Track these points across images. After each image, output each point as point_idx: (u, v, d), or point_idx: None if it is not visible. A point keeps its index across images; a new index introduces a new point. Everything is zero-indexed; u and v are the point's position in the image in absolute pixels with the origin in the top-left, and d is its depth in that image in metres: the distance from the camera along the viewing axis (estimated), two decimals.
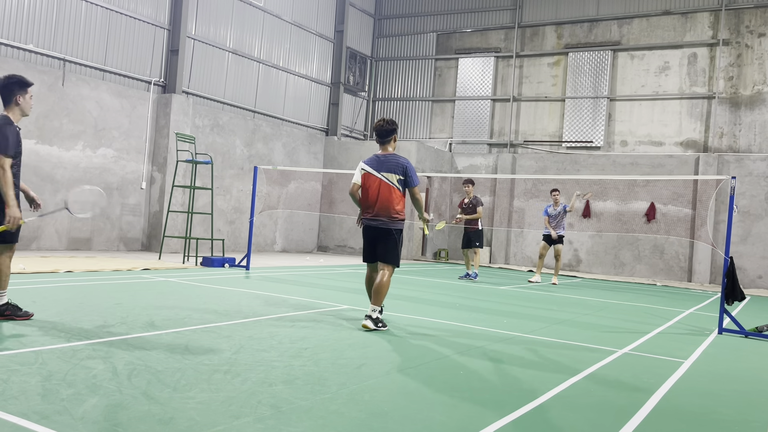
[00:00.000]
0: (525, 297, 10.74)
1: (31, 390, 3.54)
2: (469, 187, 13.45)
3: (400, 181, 6.52)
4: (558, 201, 13.55)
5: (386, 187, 6.49)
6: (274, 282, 10.21)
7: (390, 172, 6.50)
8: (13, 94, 5.49)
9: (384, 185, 6.49)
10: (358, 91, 21.98)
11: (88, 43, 13.90)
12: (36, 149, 12.80)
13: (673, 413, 4.05)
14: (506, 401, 4.02)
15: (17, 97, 5.50)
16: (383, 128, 6.60)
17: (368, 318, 6.31)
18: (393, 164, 6.52)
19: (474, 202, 13.49)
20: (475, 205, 13.44)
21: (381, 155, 6.61)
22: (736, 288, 7.75)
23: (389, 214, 6.50)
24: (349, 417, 3.48)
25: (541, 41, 20.11)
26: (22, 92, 5.52)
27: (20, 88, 5.51)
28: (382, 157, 6.59)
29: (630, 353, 6.02)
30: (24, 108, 5.57)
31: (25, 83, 5.55)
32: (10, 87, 5.49)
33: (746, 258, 16.55)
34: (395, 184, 6.49)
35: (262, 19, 18.08)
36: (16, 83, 5.50)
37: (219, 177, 16.36)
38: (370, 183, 6.55)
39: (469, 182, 13.47)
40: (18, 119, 5.55)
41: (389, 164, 6.53)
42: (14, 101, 5.50)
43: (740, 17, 17.53)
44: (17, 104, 5.52)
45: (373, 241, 6.61)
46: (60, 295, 7.05)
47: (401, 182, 6.53)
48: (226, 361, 4.54)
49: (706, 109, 17.73)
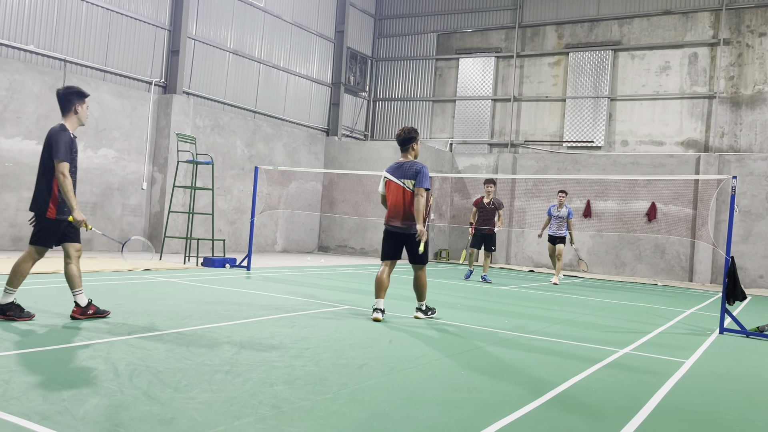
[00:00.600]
0: (526, 297, 10.74)
1: (32, 390, 3.54)
2: (491, 187, 13.04)
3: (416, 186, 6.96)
4: (563, 203, 13.47)
5: (406, 192, 6.95)
6: (275, 282, 10.21)
7: (407, 178, 6.95)
8: (71, 103, 5.74)
9: (404, 191, 6.96)
10: (359, 92, 21.99)
11: (89, 44, 13.91)
12: (37, 150, 12.79)
13: (675, 413, 4.05)
14: (507, 401, 4.02)
15: (75, 106, 5.75)
16: (402, 137, 7.07)
17: (418, 310, 7.19)
18: (409, 170, 6.96)
19: (496, 204, 12.98)
20: (497, 207, 12.95)
21: (402, 162, 7.07)
22: (737, 288, 7.74)
23: (410, 219, 6.94)
24: (350, 417, 3.48)
25: (542, 41, 20.11)
26: (80, 102, 5.78)
27: (79, 98, 5.78)
28: (401, 165, 7.05)
29: (631, 353, 6.02)
30: (81, 117, 5.83)
31: (83, 94, 5.82)
32: (68, 97, 5.74)
33: (747, 258, 16.54)
34: (412, 189, 6.92)
35: (262, 20, 18.09)
36: (74, 93, 5.76)
37: (220, 177, 16.37)
38: (392, 190, 7.05)
39: (491, 182, 13.04)
40: (75, 128, 5.81)
41: (406, 170, 6.97)
42: (72, 110, 5.75)
43: (741, 17, 17.52)
44: (75, 113, 5.77)
45: (394, 243, 7.11)
46: (61, 296, 7.05)
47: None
48: (227, 361, 4.54)
49: (706, 108, 17.73)
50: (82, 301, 5.78)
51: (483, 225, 12.99)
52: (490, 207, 12.95)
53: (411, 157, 7.10)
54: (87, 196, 13.63)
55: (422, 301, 7.23)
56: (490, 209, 12.96)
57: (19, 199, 12.57)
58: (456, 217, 20.53)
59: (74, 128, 5.77)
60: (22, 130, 12.59)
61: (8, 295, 5.54)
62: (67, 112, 5.74)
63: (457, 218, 20.50)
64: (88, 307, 5.81)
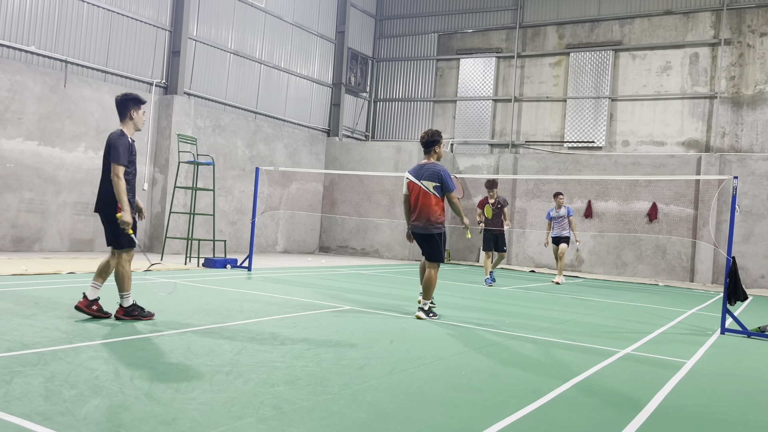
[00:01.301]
0: (527, 297, 10.73)
1: (33, 391, 3.55)
2: (494, 190, 12.62)
3: (436, 188, 7.24)
4: (561, 204, 13.42)
5: (425, 194, 7.26)
6: (275, 283, 10.21)
7: (428, 180, 7.24)
8: (128, 109, 5.95)
9: (423, 192, 7.26)
10: (360, 92, 21.99)
11: (90, 45, 13.92)
12: (38, 151, 12.82)
13: (676, 413, 4.05)
14: (509, 402, 4.02)
15: (131, 111, 5.95)
16: (425, 140, 7.35)
17: (420, 310, 7.25)
18: (431, 172, 7.24)
19: (502, 202, 12.68)
20: (503, 205, 12.65)
21: (423, 164, 7.36)
22: (739, 288, 7.73)
23: (428, 219, 7.28)
24: (351, 418, 3.48)
25: (543, 41, 20.11)
26: (136, 108, 5.98)
27: (135, 104, 5.98)
28: (422, 166, 7.35)
29: (632, 353, 6.02)
30: (137, 122, 6.02)
31: (140, 101, 6.02)
32: (125, 103, 5.95)
33: (748, 258, 16.53)
34: (431, 191, 7.23)
35: (263, 21, 18.10)
36: (131, 100, 5.97)
37: (221, 178, 16.38)
38: (413, 191, 7.37)
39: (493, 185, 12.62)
40: (132, 133, 5.99)
41: (428, 172, 7.26)
42: (129, 116, 5.95)
43: (742, 17, 17.51)
44: (131, 119, 5.98)
45: (420, 242, 7.49)
46: (62, 297, 7.06)
47: (438, 189, 7.25)
48: (228, 361, 4.54)
49: (707, 108, 17.72)
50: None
51: (491, 226, 12.68)
52: (496, 207, 12.67)
53: (433, 159, 7.37)
54: (88, 197, 13.63)
55: (427, 299, 7.31)
56: (496, 210, 12.68)
57: (20, 200, 12.58)
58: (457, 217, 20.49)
59: (131, 133, 5.98)
60: (23, 131, 12.60)
61: (126, 299, 5.95)
62: (124, 118, 5.96)
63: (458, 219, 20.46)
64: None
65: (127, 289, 5.92)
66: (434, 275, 7.31)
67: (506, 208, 12.72)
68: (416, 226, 7.40)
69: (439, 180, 7.25)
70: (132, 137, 5.97)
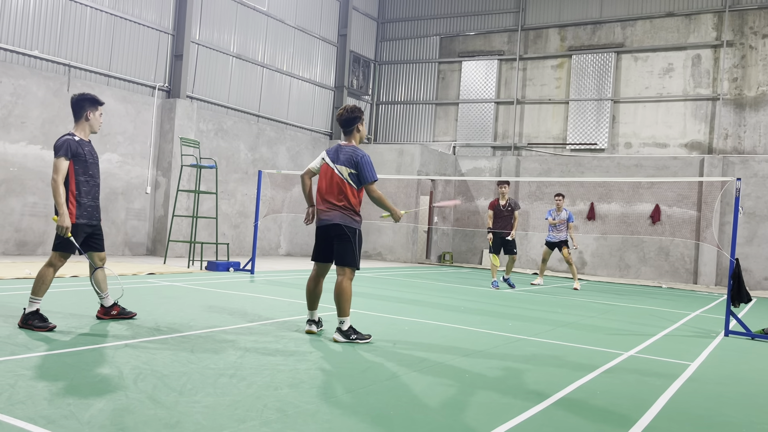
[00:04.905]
0: (529, 300, 10.72)
1: (37, 394, 3.55)
2: (505, 188, 12.39)
3: (352, 176, 5.81)
4: (561, 206, 13.25)
5: (338, 180, 5.82)
6: (278, 286, 10.22)
7: (343, 165, 5.83)
8: (84, 110, 5.70)
9: (336, 178, 5.82)
10: (362, 95, 22.01)
11: (93, 49, 13.96)
12: (41, 155, 12.85)
13: (680, 416, 4.04)
14: (512, 404, 4.02)
15: (88, 112, 5.70)
16: (343, 117, 5.95)
17: (338, 330, 5.75)
18: (347, 156, 5.83)
19: (512, 205, 12.32)
20: (514, 208, 12.31)
21: (341, 146, 5.96)
22: (742, 290, 7.72)
23: (340, 211, 5.79)
24: (354, 421, 3.48)
25: (545, 44, 20.12)
26: (93, 109, 5.74)
27: (92, 105, 5.74)
28: (340, 148, 5.95)
29: (636, 356, 6.01)
30: (93, 124, 5.77)
31: (97, 101, 5.79)
32: (81, 103, 5.71)
33: (752, 259, 16.50)
34: (346, 178, 5.80)
35: (265, 24, 18.13)
36: (88, 100, 5.73)
37: (223, 181, 16.40)
38: (324, 174, 5.93)
39: (505, 183, 12.38)
40: (86, 135, 5.75)
41: (344, 156, 5.85)
42: (84, 117, 5.70)
43: (744, 18, 17.50)
44: (87, 120, 5.72)
45: (323, 239, 5.93)
46: (65, 300, 7.08)
47: (353, 177, 5.81)
48: (231, 365, 4.55)
49: (710, 110, 17.70)
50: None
51: (500, 229, 12.31)
52: (507, 209, 12.32)
53: (354, 142, 5.97)
54: None
55: (344, 316, 5.76)
56: (506, 212, 12.32)
57: (23, 203, 12.62)
58: (459, 220, 20.52)
59: (85, 135, 5.72)
60: (26, 135, 12.63)
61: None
62: (78, 119, 5.70)
63: (461, 221, 20.49)
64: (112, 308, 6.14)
65: (39, 294, 5.43)
66: (347, 285, 5.76)
67: (517, 212, 12.36)
68: (325, 216, 5.84)
69: (355, 167, 5.79)
70: (87, 138, 5.70)
